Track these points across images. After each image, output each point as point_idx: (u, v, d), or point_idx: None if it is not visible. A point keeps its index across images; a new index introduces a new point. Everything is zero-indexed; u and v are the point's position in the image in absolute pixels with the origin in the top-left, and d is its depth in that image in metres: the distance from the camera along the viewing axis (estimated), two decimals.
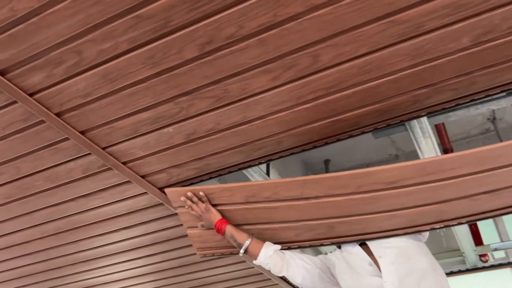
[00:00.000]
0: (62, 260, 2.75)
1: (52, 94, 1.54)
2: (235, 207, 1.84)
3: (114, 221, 2.35)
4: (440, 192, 1.57)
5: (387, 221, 1.68)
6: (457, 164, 1.48)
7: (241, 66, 1.44)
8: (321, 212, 1.74)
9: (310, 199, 1.71)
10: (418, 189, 1.56)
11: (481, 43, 1.36)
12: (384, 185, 1.57)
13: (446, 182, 1.53)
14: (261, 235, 1.89)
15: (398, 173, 1.53)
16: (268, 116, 1.65)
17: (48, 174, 1.97)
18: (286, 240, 1.90)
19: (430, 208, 1.63)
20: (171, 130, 1.72)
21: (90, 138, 1.75)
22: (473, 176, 1.50)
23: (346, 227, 1.75)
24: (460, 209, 1.63)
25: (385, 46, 1.37)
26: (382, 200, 1.63)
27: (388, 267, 1.56)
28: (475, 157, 1.45)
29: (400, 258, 1.57)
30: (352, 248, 1.73)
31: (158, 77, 1.48)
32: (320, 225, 1.79)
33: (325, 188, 1.64)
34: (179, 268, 2.96)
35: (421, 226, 1.69)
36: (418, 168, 1.51)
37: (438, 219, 1.67)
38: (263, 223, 1.86)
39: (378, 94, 1.55)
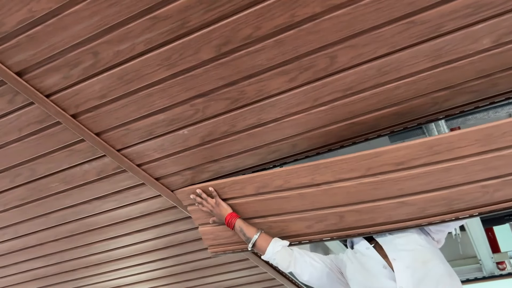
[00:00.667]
0: (76, 262, 2.76)
1: (68, 95, 1.55)
2: (246, 200, 1.86)
3: (127, 224, 2.35)
4: (448, 175, 1.55)
5: (397, 210, 1.65)
6: (463, 141, 1.46)
7: (258, 67, 1.43)
8: (331, 200, 1.73)
9: (320, 186, 1.70)
10: (426, 171, 1.55)
11: (502, 44, 1.33)
12: (392, 167, 1.57)
13: (454, 163, 1.51)
14: (272, 229, 1.91)
15: (405, 152, 1.53)
16: (284, 118, 1.63)
17: (63, 176, 1.98)
18: (297, 233, 1.90)
19: (439, 194, 1.60)
20: (186, 132, 1.71)
21: (106, 140, 1.75)
22: (480, 156, 1.48)
23: (356, 216, 1.74)
24: (471, 198, 1.59)
25: (404, 47, 1.35)
26: (391, 184, 1.61)
27: (403, 271, 1.52)
28: (482, 134, 1.44)
29: (416, 262, 1.52)
30: (366, 249, 1.69)
31: (174, 78, 1.48)
32: (330, 214, 1.78)
33: (335, 172, 1.64)
34: (192, 272, 2.95)
35: (431, 217, 1.66)
36: (425, 146, 1.50)
37: (449, 210, 1.64)
38: (274, 215, 1.87)
39: (396, 97, 1.53)
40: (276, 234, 1.88)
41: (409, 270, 1.50)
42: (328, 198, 1.73)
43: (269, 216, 1.88)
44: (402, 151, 1.53)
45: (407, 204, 1.65)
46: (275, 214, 1.87)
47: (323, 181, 1.69)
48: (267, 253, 1.78)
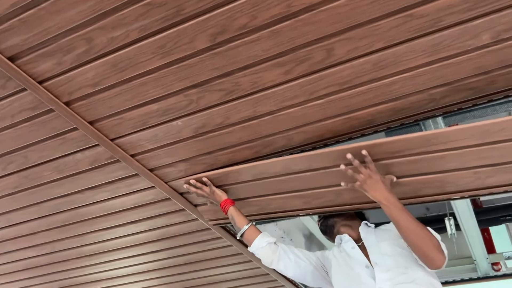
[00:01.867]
0: (68, 253, 2.74)
1: (61, 82, 1.53)
2: (244, 184, 1.91)
3: (120, 215, 2.33)
4: (443, 161, 1.58)
5: (392, 189, 1.65)
6: (461, 136, 1.48)
7: (253, 58, 1.41)
8: (330, 180, 1.78)
9: (318, 170, 1.73)
10: (422, 158, 1.58)
11: (502, 41, 1.31)
12: (389, 155, 1.59)
13: (449, 153, 1.54)
14: (270, 205, 1.99)
15: (403, 144, 1.54)
16: (279, 111, 1.61)
17: (56, 164, 1.96)
18: (295, 208, 1.98)
19: (433, 177, 1.66)
20: (180, 123, 1.69)
21: (99, 128, 1.73)
22: (475, 148, 1.50)
23: (353, 194, 1.79)
24: (463, 182, 1.66)
25: (402, 41, 1.33)
26: (387, 168, 1.64)
27: (383, 274, 1.56)
28: (479, 130, 1.45)
29: (397, 267, 1.56)
30: (352, 248, 1.72)
31: (169, 67, 1.46)
32: (328, 192, 1.84)
33: (333, 159, 1.65)
34: (185, 266, 2.93)
35: (425, 197, 1.76)
36: (423, 139, 1.51)
37: (442, 191, 1.72)
38: (272, 194, 1.93)
39: (393, 92, 1.51)
40: (275, 209, 1.99)
41: (390, 274, 1.54)
42: (326, 179, 1.77)
43: (268, 195, 1.95)
44: (400, 143, 1.54)
45: (401, 185, 1.70)
46: (273, 193, 1.94)
47: (320, 166, 1.71)
48: (252, 246, 1.82)
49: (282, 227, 2.65)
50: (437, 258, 1.47)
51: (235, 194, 2.01)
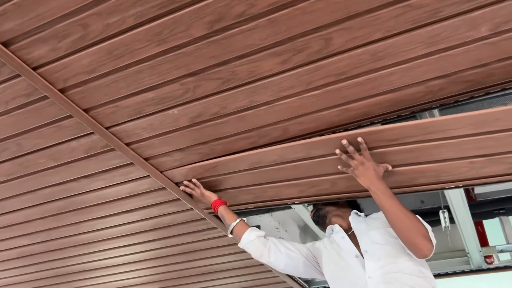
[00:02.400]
0: (63, 241, 2.74)
1: (56, 68, 1.51)
2: (241, 174, 1.93)
3: (115, 204, 2.32)
4: (438, 151, 1.61)
5: (387, 178, 1.70)
6: (457, 125, 1.50)
7: (250, 47, 1.39)
8: (325, 169, 1.80)
9: (315, 158, 1.76)
10: (418, 147, 1.60)
11: (500, 33, 1.30)
12: (386, 142, 1.61)
13: (445, 142, 1.56)
14: (265, 193, 2.02)
15: (399, 132, 1.56)
16: (276, 101, 1.61)
17: (51, 152, 1.95)
18: (290, 196, 2.01)
19: (429, 167, 1.69)
20: (176, 112, 1.68)
21: (94, 116, 1.72)
22: (471, 138, 1.53)
23: (348, 183, 1.83)
24: (458, 171, 1.69)
25: (400, 32, 1.32)
26: (384, 156, 1.66)
27: (374, 263, 1.55)
28: (475, 120, 1.47)
29: (387, 256, 1.55)
30: (341, 238, 1.72)
31: (165, 55, 1.44)
32: (323, 181, 1.87)
33: (330, 147, 1.67)
34: (180, 256, 2.93)
35: (420, 186, 1.79)
36: (419, 127, 1.54)
37: (436, 181, 1.75)
38: (268, 182, 1.96)
39: (390, 83, 1.50)
40: (271, 197, 2.02)
41: (379, 263, 1.54)
42: (322, 168, 1.79)
43: (263, 184, 1.98)
44: (397, 130, 1.56)
45: (397, 174, 1.73)
46: (268, 182, 1.96)
47: (317, 154, 1.73)
48: (242, 241, 1.85)
49: (277, 218, 2.66)
50: (424, 246, 1.46)
51: (231, 183, 2.02)
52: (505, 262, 2.86)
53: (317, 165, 1.77)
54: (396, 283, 1.47)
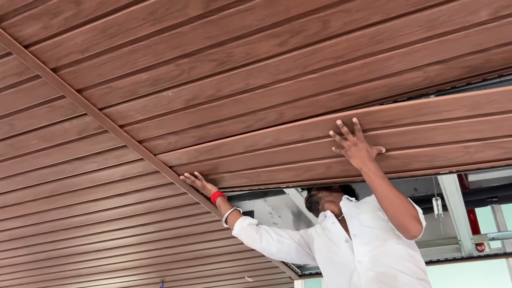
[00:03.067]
0: (55, 224, 2.73)
1: (48, 47, 1.48)
2: (235, 157, 1.94)
3: (108, 187, 2.31)
4: (433, 134, 1.61)
5: (381, 162, 1.71)
6: (452, 106, 1.49)
7: (247, 28, 1.37)
8: (320, 152, 1.80)
9: (310, 141, 1.76)
10: (413, 129, 1.60)
11: (500, 18, 1.29)
12: (381, 124, 1.61)
13: (440, 124, 1.56)
14: (260, 177, 2.03)
15: (395, 113, 1.56)
16: (272, 84, 1.59)
17: (43, 133, 1.92)
18: (285, 180, 2.04)
19: (423, 151, 1.69)
20: (170, 94, 1.66)
21: (87, 97, 1.69)
22: (466, 120, 1.53)
23: (343, 167, 1.84)
24: (452, 156, 1.69)
25: (399, 15, 1.30)
26: (378, 139, 1.67)
27: (362, 247, 1.55)
28: (470, 101, 1.46)
29: (376, 239, 1.55)
30: (332, 224, 1.73)
31: (160, 35, 1.41)
32: (318, 165, 1.88)
33: (325, 129, 1.67)
34: (173, 240, 2.94)
35: (414, 171, 1.80)
36: (414, 108, 1.53)
37: (430, 166, 1.75)
38: (262, 166, 1.97)
39: (387, 68, 1.49)
40: (265, 181, 2.04)
41: (368, 246, 1.54)
42: (317, 151, 1.80)
43: (257, 168, 1.98)
44: (392, 111, 1.56)
45: (392, 158, 1.74)
46: (263, 166, 1.97)
47: (312, 136, 1.74)
48: (234, 229, 1.91)
49: (271, 204, 2.64)
50: (412, 227, 1.46)
51: (226, 167, 2.01)
52: (496, 250, 2.88)
53: (312, 148, 1.78)
54: (385, 267, 1.48)
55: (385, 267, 1.47)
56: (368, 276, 1.47)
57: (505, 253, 2.85)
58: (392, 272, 1.46)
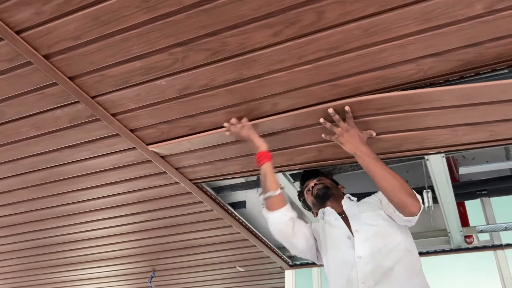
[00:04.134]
0: (45, 212, 2.71)
1: (40, 33, 1.46)
2: (227, 146, 1.94)
3: (99, 176, 2.30)
4: (424, 119, 1.66)
5: (373, 145, 1.76)
6: (444, 96, 1.53)
7: (241, 17, 1.36)
8: (313, 138, 1.83)
9: (302, 128, 1.79)
10: (404, 116, 1.65)
11: (495, 11, 1.29)
12: (373, 111, 1.65)
13: (431, 112, 1.61)
14: (253, 163, 2.00)
15: (388, 101, 1.59)
16: (266, 75, 1.58)
17: (34, 120, 1.91)
18: (277, 165, 2.05)
19: (414, 134, 1.75)
20: (163, 83, 1.65)
21: (79, 85, 1.67)
22: (457, 108, 1.58)
23: (334, 150, 1.87)
24: (441, 138, 1.76)
25: (394, 7, 1.30)
26: (370, 124, 1.71)
27: (362, 243, 1.59)
28: (462, 93, 1.51)
29: (376, 236, 1.60)
30: (335, 220, 1.74)
31: (153, 23, 1.40)
32: (310, 149, 1.91)
33: (317, 118, 1.70)
34: (164, 229, 2.94)
35: (404, 152, 1.87)
36: (407, 97, 1.57)
37: (420, 147, 1.82)
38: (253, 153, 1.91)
39: (381, 60, 1.49)
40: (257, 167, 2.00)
41: (368, 242, 1.58)
42: (310, 136, 1.83)
43: (251, 155, 1.97)
44: (385, 100, 1.60)
45: (383, 140, 1.79)
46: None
47: (305, 124, 1.77)
48: (274, 214, 1.69)
49: None
50: (412, 204, 1.52)
51: (218, 155, 2.01)
52: (484, 242, 2.92)
53: (304, 134, 1.81)
54: (382, 262, 1.51)
55: (382, 262, 1.52)
56: (366, 270, 1.51)
57: (493, 246, 2.89)
58: (389, 268, 1.50)
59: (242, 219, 2.73)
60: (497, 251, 2.87)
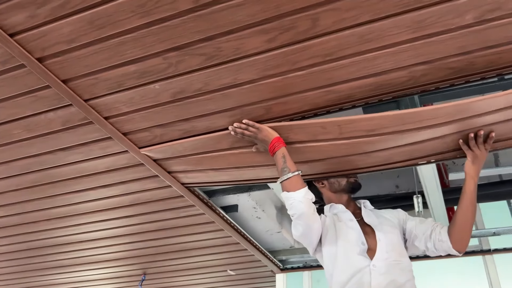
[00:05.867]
0: (38, 214, 2.70)
1: (34, 36, 1.46)
2: (220, 153, 1.92)
3: (92, 178, 2.29)
4: (415, 137, 1.67)
5: (364, 160, 1.80)
6: (434, 115, 1.55)
7: (237, 23, 1.37)
8: (304, 156, 1.83)
9: (294, 144, 1.76)
10: (394, 137, 1.66)
11: (485, 21, 1.31)
12: (364, 133, 1.65)
13: (423, 131, 1.62)
14: (244, 175, 2.03)
15: (378, 122, 1.60)
16: (260, 80, 1.59)
17: (27, 123, 1.90)
18: (270, 177, 2.04)
19: (404, 149, 1.76)
20: (157, 87, 1.65)
21: (73, 88, 1.67)
22: (448, 125, 1.59)
23: (325, 166, 1.88)
24: (431, 147, 1.76)
25: (388, 16, 1.32)
26: (361, 145, 1.73)
27: (382, 254, 1.61)
28: (452, 110, 1.52)
29: (394, 252, 1.63)
30: (350, 221, 1.73)
31: (148, 28, 1.41)
32: (301, 164, 1.88)
33: (309, 134, 1.70)
34: (156, 232, 2.93)
35: (394, 163, 1.87)
36: (397, 118, 1.58)
37: (410, 157, 1.83)
38: (246, 166, 1.97)
39: (374, 67, 1.50)
40: (249, 177, 2.05)
41: (386, 255, 1.61)
42: (299, 156, 1.81)
43: (241, 168, 1.98)
44: (375, 121, 1.59)
45: (373, 157, 1.82)
46: (246, 166, 1.96)
47: (296, 139, 1.75)
48: (300, 192, 1.61)
49: (255, 198, 2.66)
50: (467, 245, 1.63)
51: (212, 163, 2.00)
52: (473, 247, 2.95)
53: (296, 152, 1.78)
54: (395, 277, 1.56)
55: (396, 277, 1.56)
56: (379, 280, 1.54)
57: (482, 250, 2.92)
58: (401, 284, 1.55)
59: (233, 223, 2.74)
60: (486, 256, 2.90)
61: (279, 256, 3.41)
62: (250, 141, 1.80)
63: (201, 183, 2.24)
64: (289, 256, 3.44)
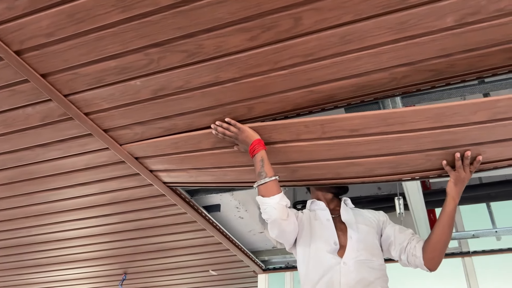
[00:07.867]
0: (14, 212, 2.65)
1: (12, 28, 1.43)
2: (202, 153, 1.90)
3: (71, 176, 2.26)
4: (398, 144, 1.65)
5: (346, 168, 1.78)
6: (417, 117, 1.53)
7: (218, 20, 1.36)
8: (286, 157, 1.81)
9: (276, 144, 1.75)
10: (377, 139, 1.64)
11: (465, 24, 1.32)
12: (347, 132, 1.64)
13: (405, 135, 1.60)
14: (226, 175, 2.00)
15: (361, 121, 1.59)
16: (242, 79, 1.58)
17: (3, 118, 1.86)
18: (251, 180, 1.95)
19: (387, 159, 1.74)
20: (138, 83, 1.63)
21: (52, 82, 1.64)
22: (430, 131, 1.57)
23: (307, 171, 1.87)
24: (415, 164, 1.74)
25: (370, 16, 1.32)
26: (343, 147, 1.71)
27: (353, 252, 1.62)
28: (434, 113, 1.50)
29: (365, 251, 1.64)
30: (326, 220, 1.75)
31: (129, 23, 1.38)
32: (284, 168, 1.89)
33: (293, 133, 1.69)
34: (136, 231, 2.90)
35: (377, 176, 1.86)
36: (380, 118, 1.57)
37: (394, 171, 1.81)
38: (228, 166, 1.95)
39: (356, 68, 1.51)
40: (231, 180, 2.03)
41: (357, 253, 1.62)
42: (283, 155, 1.81)
43: (226, 167, 1.96)
44: (358, 120, 1.58)
45: (356, 165, 1.79)
46: (231, 166, 1.94)
47: (279, 139, 1.74)
48: (274, 199, 1.61)
49: (238, 198, 2.65)
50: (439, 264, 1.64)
51: (193, 163, 1.99)
52: (453, 249, 2.98)
53: (279, 152, 1.78)
54: (365, 275, 1.56)
55: (365, 275, 1.56)
56: (349, 278, 1.55)
57: (461, 252, 2.95)
58: (370, 281, 1.56)
59: (216, 223, 2.72)
60: (465, 258, 2.94)
61: (261, 256, 3.41)
62: (231, 142, 1.79)
63: (183, 183, 2.22)
64: (271, 256, 3.44)
